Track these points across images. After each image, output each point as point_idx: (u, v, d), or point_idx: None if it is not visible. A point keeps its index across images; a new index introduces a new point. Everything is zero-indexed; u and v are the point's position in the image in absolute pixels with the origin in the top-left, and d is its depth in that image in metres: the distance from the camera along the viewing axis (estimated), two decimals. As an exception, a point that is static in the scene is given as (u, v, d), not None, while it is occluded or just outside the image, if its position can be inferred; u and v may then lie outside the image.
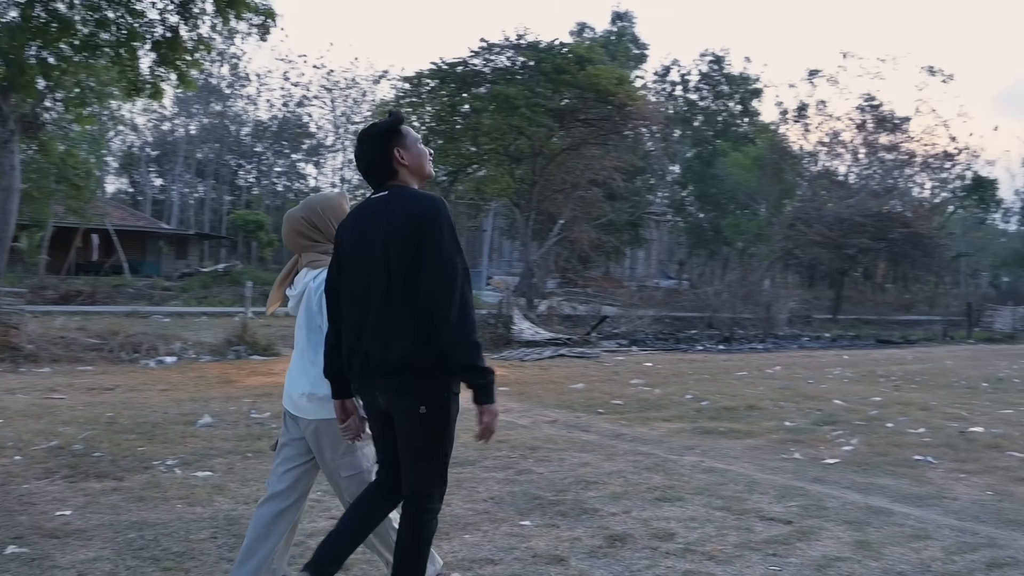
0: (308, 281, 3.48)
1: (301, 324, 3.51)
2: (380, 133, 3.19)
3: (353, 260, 3.12)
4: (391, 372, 2.99)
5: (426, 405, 2.99)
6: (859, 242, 32.89)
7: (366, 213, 3.16)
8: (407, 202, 3.05)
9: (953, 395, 12.03)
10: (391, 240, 3.00)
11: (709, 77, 53.26)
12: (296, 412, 3.50)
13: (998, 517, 5.48)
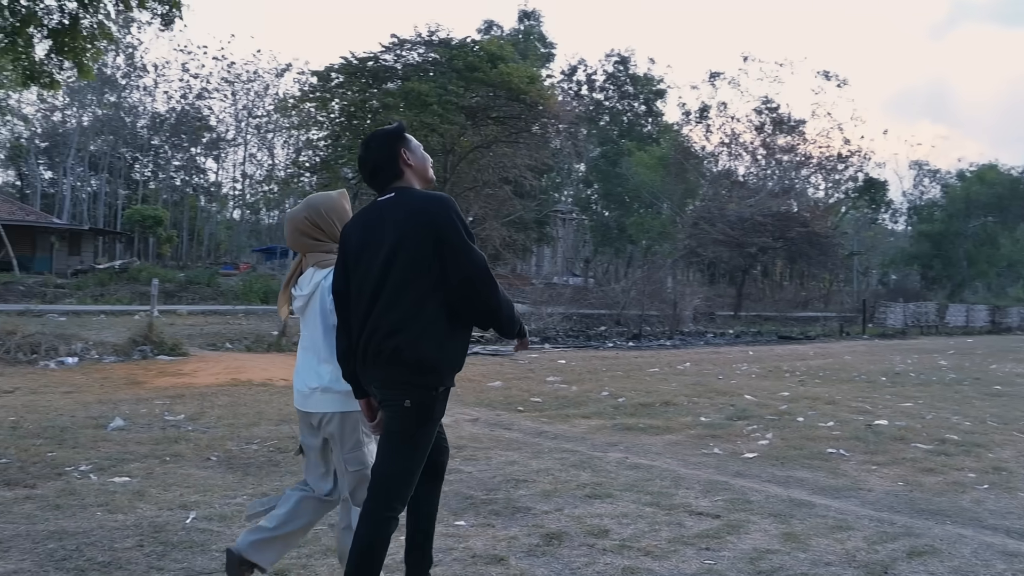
0: (320, 280, 3.51)
1: (314, 323, 3.55)
2: (388, 135, 3.32)
3: (362, 261, 3.19)
4: (387, 365, 3.08)
5: (411, 399, 3.08)
6: (760, 241, 33.86)
7: (373, 215, 3.24)
8: (419, 201, 3.16)
9: (855, 389, 12.48)
10: (405, 237, 3.09)
11: (615, 77, 54.10)
12: (307, 408, 3.54)
13: (911, 507, 5.70)
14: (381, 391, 3.16)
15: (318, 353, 3.52)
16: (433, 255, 3.07)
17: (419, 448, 3.21)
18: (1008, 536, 5.10)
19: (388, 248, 3.12)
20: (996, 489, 6.29)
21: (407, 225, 3.11)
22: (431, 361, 3.09)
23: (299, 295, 3.60)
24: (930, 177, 68.87)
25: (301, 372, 3.59)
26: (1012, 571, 4.40)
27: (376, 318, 3.11)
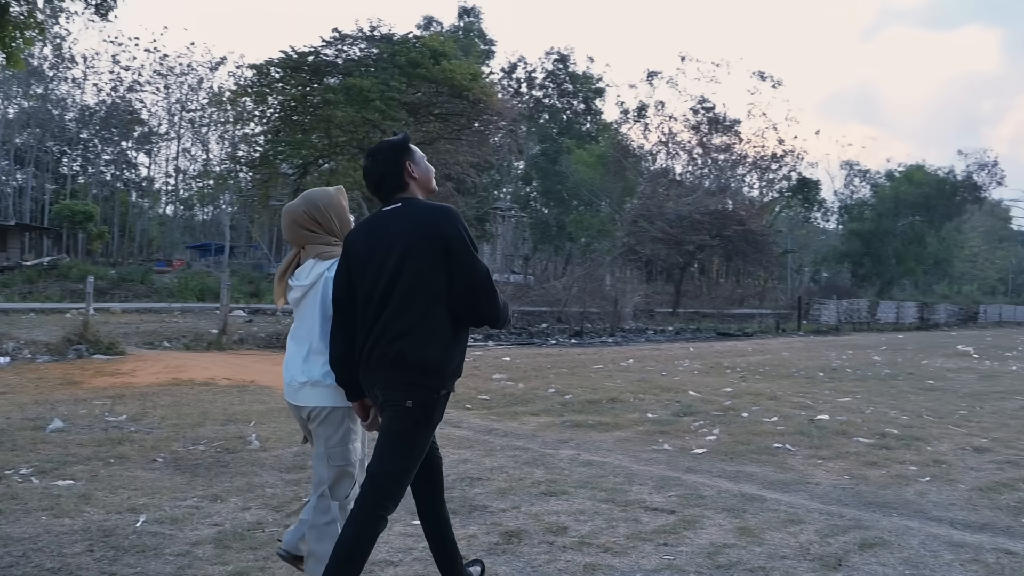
0: (323, 271, 3.53)
1: (311, 314, 3.56)
2: (394, 147, 3.42)
3: (368, 270, 3.28)
4: (391, 367, 3.19)
5: (413, 400, 3.19)
6: (698, 239, 34.33)
7: (379, 225, 3.33)
8: (425, 213, 3.28)
9: (795, 385, 12.71)
10: (413, 248, 3.20)
11: (554, 75, 54.31)
12: (297, 401, 3.55)
13: (859, 500, 5.83)
14: (384, 392, 3.24)
15: (311, 344, 3.53)
16: (440, 264, 3.19)
17: (416, 448, 3.30)
18: (952, 527, 5.23)
19: (396, 258, 3.21)
20: (937, 482, 6.45)
21: (414, 236, 3.22)
22: (434, 364, 3.20)
23: (298, 285, 3.59)
24: (860, 177, 70.39)
25: (291, 364, 3.60)
26: (959, 561, 4.52)
27: (383, 324, 3.21)
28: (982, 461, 7.31)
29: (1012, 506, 5.79)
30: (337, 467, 3.52)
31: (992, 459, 7.40)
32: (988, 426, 9.26)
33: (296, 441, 7.13)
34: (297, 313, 3.65)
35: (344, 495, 3.55)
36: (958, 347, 24.19)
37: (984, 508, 5.71)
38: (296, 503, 5.25)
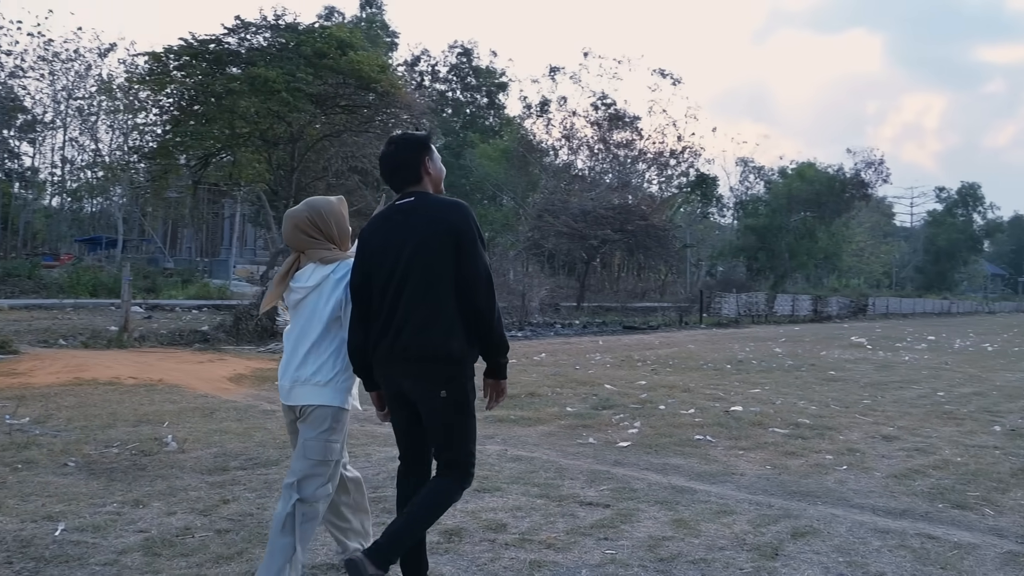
0: (328, 274, 3.66)
1: (315, 315, 3.66)
2: (417, 141, 3.59)
3: (385, 262, 3.43)
4: (420, 361, 3.36)
5: (447, 390, 3.39)
6: (602, 233, 34.72)
7: (394, 217, 3.49)
8: (439, 207, 3.44)
9: (705, 377, 12.98)
10: (427, 241, 3.35)
11: (458, 69, 54.15)
12: (288, 400, 3.68)
13: (783, 489, 5.97)
14: (415, 384, 3.42)
15: (310, 344, 3.63)
16: (452, 257, 3.34)
17: (468, 417, 3.55)
18: (875, 514, 5.40)
19: (410, 250, 3.37)
20: (854, 470, 6.66)
21: (428, 230, 3.37)
22: (459, 354, 3.37)
23: (300, 287, 3.69)
24: (755, 174, 72.35)
25: (287, 366, 3.70)
26: (887, 547, 4.66)
27: (402, 318, 3.36)
28: (892, 449, 7.58)
29: (926, 492, 6.01)
30: (311, 461, 3.58)
31: (901, 447, 7.69)
32: (892, 415, 9.62)
33: (215, 442, 6.92)
34: (294, 315, 3.75)
35: (312, 492, 3.57)
36: (852, 338, 25.09)
37: (901, 495, 5.92)
38: (223, 506, 5.09)
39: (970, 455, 7.41)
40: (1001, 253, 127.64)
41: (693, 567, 4.23)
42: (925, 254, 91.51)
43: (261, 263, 44.85)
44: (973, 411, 10.18)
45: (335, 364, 3.63)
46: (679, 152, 54.04)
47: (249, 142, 20.92)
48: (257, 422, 7.94)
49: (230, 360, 12.78)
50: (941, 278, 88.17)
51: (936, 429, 8.74)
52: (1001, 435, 8.55)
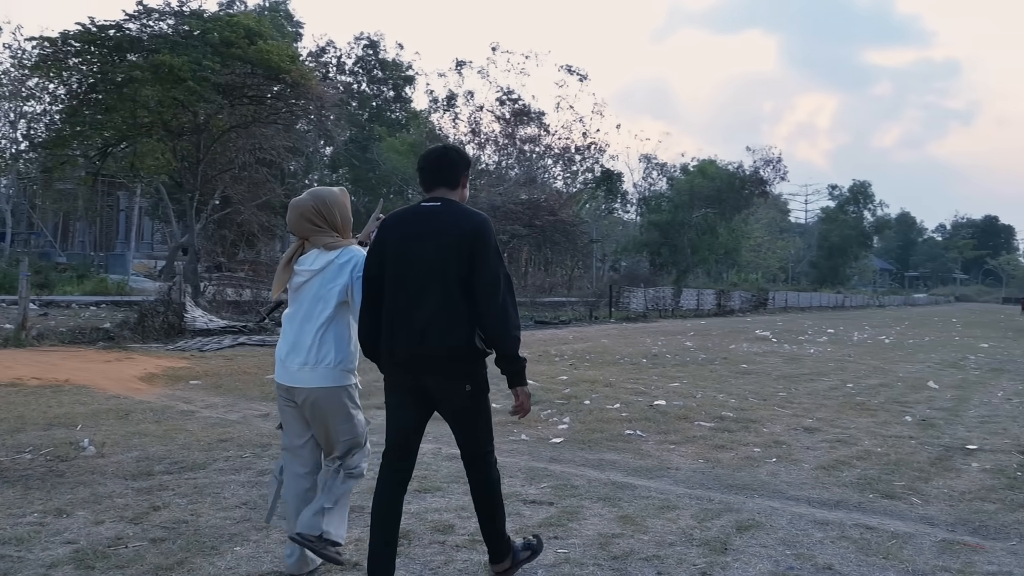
0: (332, 259, 3.84)
1: (320, 299, 3.81)
2: (466, 155, 3.92)
3: (403, 256, 3.60)
4: (443, 359, 3.55)
5: (470, 384, 3.64)
6: (512, 228, 34.73)
7: (418, 216, 3.66)
8: (463, 216, 3.61)
9: (624, 371, 13.09)
10: (449, 247, 3.52)
11: (364, 61, 53.36)
12: (293, 383, 3.81)
13: (720, 483, 6.04)
14: (442, 381, 3.61)
15: (315, 328, 3.78)
16: (470, 262, 3.52)
17: (485, 412, 3.82)
18: (810, 505, 5.51)
19: (433, 252, 3.55)
20: (783, 462, 6.79)
21: (451, 234, 3.54)
22: (478, 353, 3.61)
23: (305, 270, 3.85)
24: (658, 170, 73.47)
25: (291, 347, 3.83)
26: (829, 539, 4.75)
27: (424, 320, 3.53)
28: (815, 441, 7.76)
29: (855, 483, 6.16)
30: (345, 441, 3.87)
31: (823, 438, 7.88)
32: (809, 407, 9.87)
33: (135, 445, 6.63)
34: (297, 297, 3.88)
35: (357, 465, 3.96)
36: (756, 332, 25.75)
37: (832, 486, 6.05)
38: (154, 514, 4.86)
39: (889, 445, 7.65)
40: (889, 249, 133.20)
41: (647, 564, 4.22)
42: (819, 250, 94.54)
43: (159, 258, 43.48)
44: (883, 402, 10.54)
45: (344, 347, 3.84)
46: (585, 148, 54.46)
47: (152, 132, 20.16)
48: (176, 423, 7.64)
49: (139, 359, 12.30)
50: (834, 273, 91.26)
51: (852, 420, 9.00)
52: (913, 425, 8.86)
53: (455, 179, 3.76)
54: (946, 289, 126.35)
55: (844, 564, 4.32)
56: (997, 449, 7.68)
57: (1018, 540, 4.91)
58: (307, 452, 3.98)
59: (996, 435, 8.42)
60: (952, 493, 5.97)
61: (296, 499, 3.95)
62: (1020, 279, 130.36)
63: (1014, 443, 8.01)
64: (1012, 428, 8.87)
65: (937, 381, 13.21)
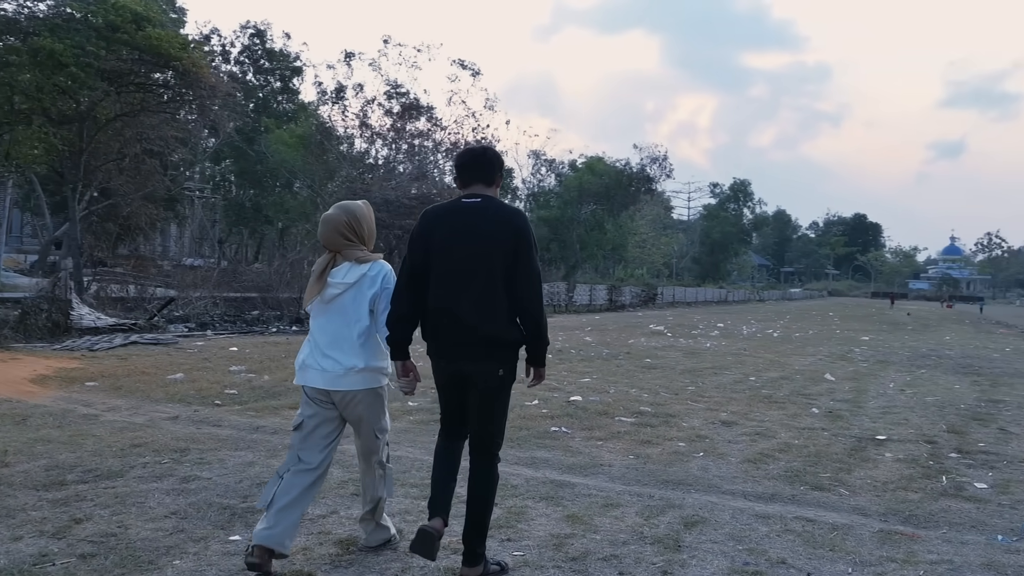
0: (365, 272, 4.06)
1: (355, 310, 4.05)
2: (501, 159, 4.10)
3: (449, 249, 3.80)
4: (483, 344, 3.78)
5: (503, 369, 3.84)
6: (406, 223, 34.28)
7: (462, 211, 3.86)
8: (505, 212, 3.87)
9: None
10: (494, 242, 3.75)
11: (250, 51, 51.87)
12: (336, 387, 4.02)
13: (655, 479, 6.06)
14: (476, 364, 3.82)
15: (353, 337, 4.02)
16: (514, 257, 3.75)
17: (506, 400, 4.01)
18: (747, 499, 5.58)
19: (478, 246, 3.76)
20: (710, 456, 6.88)
21: (495, 229, 3.77)
22: (515, 341, 3.84)
23: (339, 283, 4.05)
24: (546, 167, 74.06)
25: (328, 355, 4.04)
26: (775, 532, 4.82)
27: (469, 310, 3.75)
28: (735, 434, 7.90)
29: (783, 475, 6.29)
30: (380, 440, 4.22)
31: (742, 432, 8.03)
32: (720, 400, 10.06)
33: (41, 453, 6.21)
34: (329, 308, 4.08)
35: (386, 455, 4.31)
36: (651, 327, 26.24)
37: (762, 479, 6.15)
38: (76, 527, 4.53)
39: (805, 437, 7.85)
40: (766, 245, 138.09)
41: (607, 564, 4.17)
42: (701, 246, 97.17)
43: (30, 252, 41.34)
44: (788, 395, 10.84)
45: (378, 353, 4.11)
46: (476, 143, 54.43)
47: (30, 120, 19.05)
48: (81, 428, 7.20)
49: (25, 359, 11.58)
50: (715, 268, 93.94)
51: (764, 413, 9.22)
52: (822, 417, 9.13)
53: (491, 177, 3.97)
54: (819, 284, 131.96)
55: (795, 558, 4.37)
56: (904, 439, 7.99)
57: (947, 528, 5.09)
58: (324, 451, 4.12)
59: (899, 425, 8.76)
60: (875, 483, 6.16)
61: (290, 496, 3.98)
62: (887, 275, 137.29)
63: (918, 433, 8.35)
64: (912, 419, 9.25)
65: (832, 373, 13.71)
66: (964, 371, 15.43)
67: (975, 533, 5.02)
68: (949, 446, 7.73)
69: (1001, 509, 5.59)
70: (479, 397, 3.88)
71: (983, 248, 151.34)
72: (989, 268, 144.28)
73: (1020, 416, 9.85)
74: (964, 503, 5.71)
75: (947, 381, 13.52)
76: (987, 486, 6.22)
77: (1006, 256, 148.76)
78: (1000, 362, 18.10)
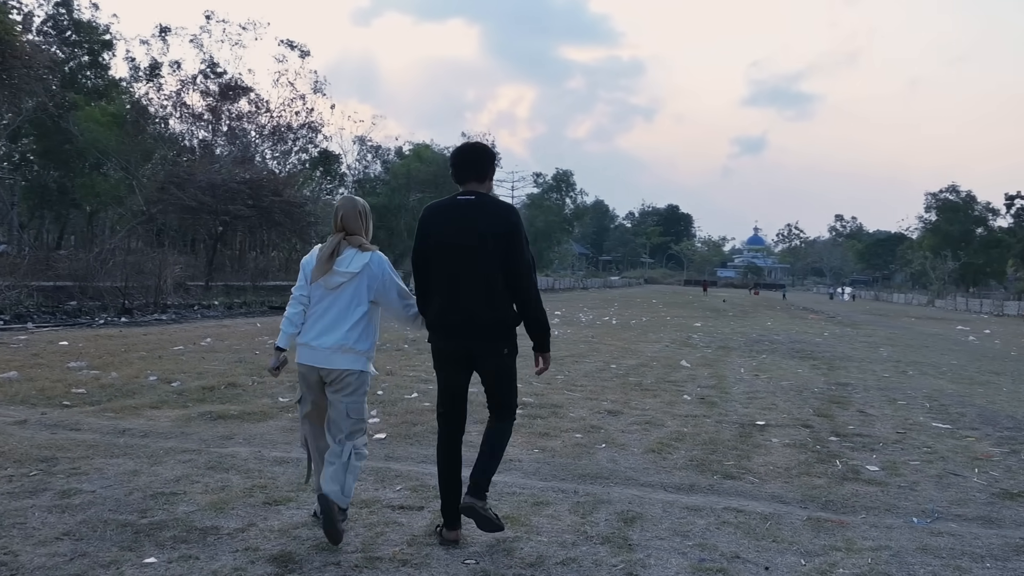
0: (367, 262, 4.36)
1: (356, 296, 4.33)
2: (493, 155, 4.45)
3: (448, 244, 4.18)
4: (488, 327, 4.18)
5: (507, 348, 4.27)
6: (235, 208, 32.83)
7: (458, 208, 4.21)
8: (498, 208, 4.21)
9: (393, 358, 12.71)
10: (490, 236, 4.09)
11: (56, 20, 48.06)
12: (325, 364, 4.28)
13: (568, 473, 5.92)
14: (483, 344, 4.22)
15: (352, 321, 4.30)
16: (507, 249, 4.12)
17: (514, 372, 4.41)
18: (667, 491, 5.54)
19: (476, 240, 4.10)
20: (613, 447, 6.82)
21: (490, 224, 4.12)
22: (513, 323, 4.25)
23: (344, 271, 4.31)
24: (372, 153, 72.96)
25: (324, 334, 4.29)
26: (712, 525, 4.77)
27: (470, 297, 4.14)
28: (625, 423, 7.90)
29: (689, 465, 6.30)
30: (354, 419, 4.33)
31: (630, 421, 8.05)
32: (594, 389, 10.09)
33: None
34: (331, 294, 4.33)
35: (360, 440, 4.39)
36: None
37: (672, 469, 6.14)
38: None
39: (691, 425, 7.95)
40: (585, 235, 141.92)
41: (567, 570, 3.97)
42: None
43: None
44: (656, 382, 11.02)
45: (371, 338, 4.41)
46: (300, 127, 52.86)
47: None
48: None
49: None
50: (539, 257, 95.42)
51: (642, 401, 9.31)
52: (697, 404, 9.30)
53: (484, 174, 4.32)
54: (636, 272, 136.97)
55: (746, 551, 4.33)
56: (782, 424, 8.23)
57: (865, 513, 5.22)
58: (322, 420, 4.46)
59: (770, 410, 9.04)
60: (777, 469, 6.27)
61: (320, 456, 4.46)
62: (698, 263, 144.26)
63: (791, 417, 8.64)
64: (779, 403, 9.58)
65: (686, 360, 14.09)
66: (799, 356, 16.25)
67: (891, 516, 5.16)
68: (825, 430, 8.02)
69: (902, 491, 5.80)
70: (487, 375, 4.34)
71: (783, 239, 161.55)
72: (789, 257, 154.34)
73: (869, 398, 10.41)
74: (867, 486, 5.89)
75: (789, 365, 14.18)
76: (878, 468, 6.46)
77: (803, 246, 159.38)
78: (825, 346, 19.22)
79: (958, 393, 11.33)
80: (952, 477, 6.29)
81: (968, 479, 6.26)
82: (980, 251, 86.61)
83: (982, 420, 9.09)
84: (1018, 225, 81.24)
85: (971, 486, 6.05)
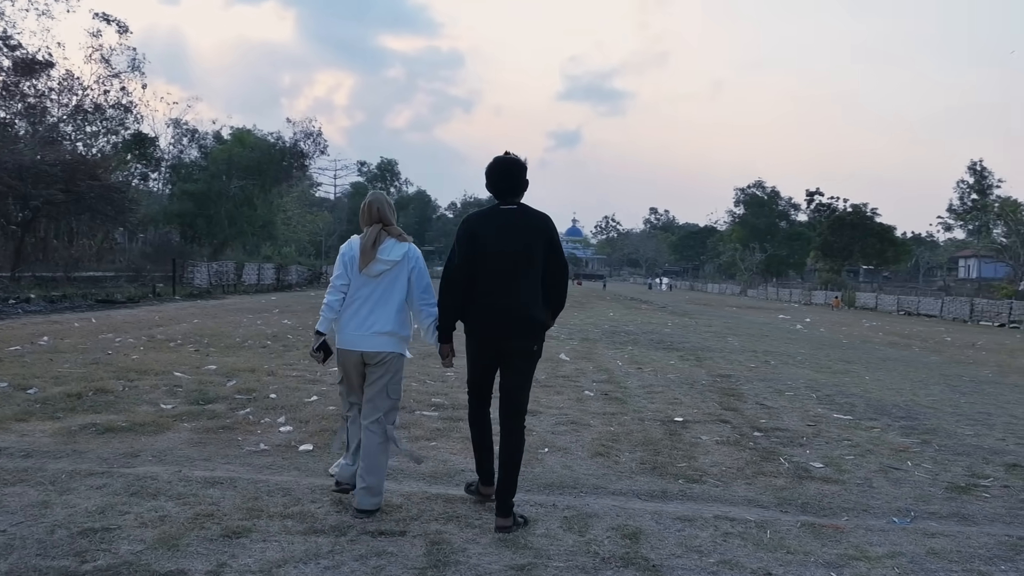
0: (406, 252, 4.72)
1: (396, 284, 4.69)
2: (525, 167, 4.69)
3: (495, 248, 4.48)
4: (526, 323, 4.49)
5: (537, 345, 4.58)
6: (47, 193, 30.13)
7: (506, 218, 4.58)
8: (538, 218, 4.60)
9: (263, 357, 11.90)
10: (532, 242, 4.50)
11: None
12: (367, 347, 4.61)
13: (532, 483, 5.52)
14: (515, 340, 4.50)
15: (393, 307, 4.64)
16: (547, 252, 4.53)
17: (533, 373, 4.69)
18: (642, 499, 5.26)
19: (520, 244, 4.48)
20: (555, 452, 6.49)
21: (532, 231, 4.53)
22: (544, 322, 4.60)
23: (387, 260, 4.65)
24: (188, 137, 69.39)
25: (363, 320, 4.62)
26: (716, 536, 4.52)
27: (514, 296, 4.45)
28: (551, 425, 7.58)
29: (643, 469, 6.06)
30: (393, 399, 4.68)
31: (555, 422, 7.74)
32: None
33: None
34: (374, 281, 4.65)
35: (394, 420, 4.71)
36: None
37: (632, 475, 5.88)
38: None
39: (616, 424, 7.74)
40: (408, 224, 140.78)
41: (608, 600, 3.59)
42: (349, 224, 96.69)
43: None
44: (548, 377, 10.76)
45: (407, 324, 4.73)
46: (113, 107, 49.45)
47: None
48: None
49: None
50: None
51: (549, 399, 9.07)
52: (604, 400, 9.16)
53: (522, 189, 4.67)
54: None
55: (773, 566, 4.09)
56: (699, 420, 8.17)
57: (847, 516, 5.11)
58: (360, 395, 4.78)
59: (677, 405, 9.00)
60: (729, 471, 6.13)
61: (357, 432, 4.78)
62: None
63: (703, 412, 8.60)
64: (681, 398, 9.55)
65: (563, 353, 13.93)
66: (663, 347, 16.48)
67: (871, 517, 5.09)
68: (743, 424, 8.01)
69: (861, 489, 5.78)
70: (512, 368, 4.55)
71: (601, 230, 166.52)
72: (607, 248, 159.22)
73: (756, 390, 10.57)
74: (826, 485, 5.83)
75: (660, 357, 14.31)
76: (822, 465, 6.44)
77: (619, 238, 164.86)
78: (679, 337, 19.64)
79: (831, 383, 11.72)
80: (894, 472, 6.35)
81: (909, 473, 6.34)
82: (784, 243, 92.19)
83: (873, 410, 9.37)
84: (816, 220, 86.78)
85: (918, 480, 6.12)
